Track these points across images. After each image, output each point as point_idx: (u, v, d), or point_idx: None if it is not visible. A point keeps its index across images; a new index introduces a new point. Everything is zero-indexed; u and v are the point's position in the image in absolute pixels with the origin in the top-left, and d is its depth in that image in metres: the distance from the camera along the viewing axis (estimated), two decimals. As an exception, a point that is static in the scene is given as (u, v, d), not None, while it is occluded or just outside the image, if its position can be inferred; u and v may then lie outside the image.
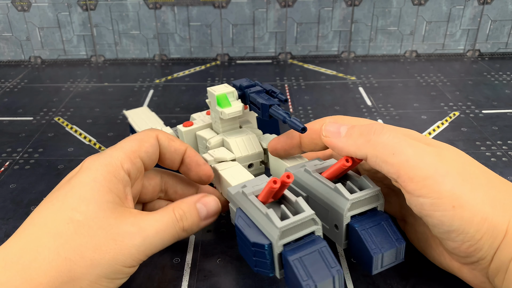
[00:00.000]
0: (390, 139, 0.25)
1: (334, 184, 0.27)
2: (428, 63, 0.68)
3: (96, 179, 0.26)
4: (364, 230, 0.26)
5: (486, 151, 0.44)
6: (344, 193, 0.27)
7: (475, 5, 0.67)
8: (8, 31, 0.68)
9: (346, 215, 0.26)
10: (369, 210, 0.27)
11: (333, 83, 0.62)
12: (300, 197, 0.26)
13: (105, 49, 0.70)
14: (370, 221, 0.27)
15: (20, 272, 0.23)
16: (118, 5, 0.67)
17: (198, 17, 0.67)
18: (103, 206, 0.25)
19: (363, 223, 0.26)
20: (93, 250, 0.24)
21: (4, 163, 0.43)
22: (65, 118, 0.53)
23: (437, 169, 0.24)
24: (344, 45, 0.70)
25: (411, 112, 0.53)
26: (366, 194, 0.27)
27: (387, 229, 0.26)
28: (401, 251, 0.26)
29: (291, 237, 0.25)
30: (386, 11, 0.68)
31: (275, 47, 0.70)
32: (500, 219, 0.23)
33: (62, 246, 0.24)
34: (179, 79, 0.64)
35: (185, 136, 0.37)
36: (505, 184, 0.25)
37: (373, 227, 0.26)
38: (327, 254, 0.24)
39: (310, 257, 0.24)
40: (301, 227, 0.25)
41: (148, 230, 0.26)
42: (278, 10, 0.67)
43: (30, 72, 0.67)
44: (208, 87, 0.36)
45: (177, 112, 0.54)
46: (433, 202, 0.24)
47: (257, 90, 0.35)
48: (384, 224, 0.26)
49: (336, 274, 0.24)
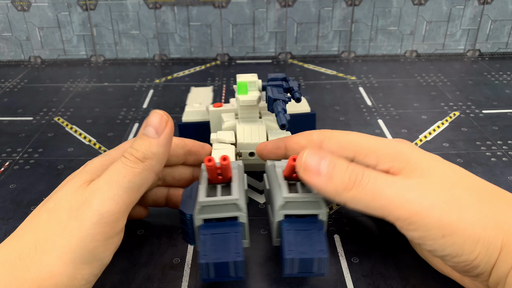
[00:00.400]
0: (369, 185, 0.24)
1: (281, 181, 0.27)
2: (428, 63, 0.68)
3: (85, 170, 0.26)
4: (289, 231, 0.26)
5: (486, 151, 0.44)
6: (283, 191, 0.27)
7: (475, 5, 0.67)
8: (8, 31, 0.68)
9: (279, 212, 0.27)
10: (310, 216, 0.27)
11: (333, 83, 0.62)
12: (236, 183, 0.26)
13: (105, 49, 0.70)
14: (302, 225, 0.26)
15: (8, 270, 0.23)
16: (118, 5, 0.67)
17: (198, 17, 0.67)
18: (73, 186, 0.25)
19: (293, 224, 0.26)
20: (60, 234, 0.23)
21: (4, 163, 0.43)
22: (65, 118, 0.53)
23: (421, 204, 0.23)
24: (344, 45, 0.70)
25: (411, 112, 0.53)
26: (304, 198, 0.26)
27: (315, 238, 0.26)
28: (322, 264, 0.25)
29: (212, 215, 0.26)
30: (386, 11, 0.67)
31: (275, 47, 0.70)
32: (493, 237, 0.23)
33: (38, 239, 0.23)
34: (179, 79, 0.64)
35: (211, 115, 0.40)
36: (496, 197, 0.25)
37: (301, 231, 0.26)
38: (238, 240, 0.25)
39: (220, 237, 0.25)
40: (224, 208, 0.26)
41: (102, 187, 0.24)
42: (278, 10, 0.67)
43: (30, 72, 0.67)
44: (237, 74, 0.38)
45: (177, 112, 0.54)
46: (422, 235, 0.23)
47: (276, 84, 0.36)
48: (314, 232, 0.26)
49: (234, 260, 0.24)
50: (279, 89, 0.37)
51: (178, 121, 0.43)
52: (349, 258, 0.31)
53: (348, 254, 0.32)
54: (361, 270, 0.30)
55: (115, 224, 0.24)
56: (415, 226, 0.23)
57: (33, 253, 0.23)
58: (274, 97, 0.35)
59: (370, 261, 0.31)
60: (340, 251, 0.32)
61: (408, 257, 0.31)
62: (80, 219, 0.23)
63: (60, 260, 0.23)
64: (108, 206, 0.24)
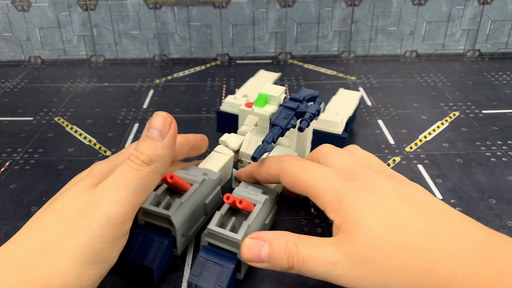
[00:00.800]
0: (304, 266, 0.25)
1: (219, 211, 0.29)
2: (428, 63, 0.68)
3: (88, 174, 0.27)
4: (202, 259, 0.28)
5: (486, 151, 0.44)
6: (212, 221, 0.28)
7: (475, 5, 0.67)
8: (8, 31, 0.68)
9: (203, 239, 0.29)
10: (231, 252, 0.28)
11: (333, 83, 0.62)
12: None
13: (105, 49, 0.70)
14: (216, 258, 0.28)
15: (16, 268, 0.23)
16: (118, 5, 0.67)
17: (198, 17, 0.67)
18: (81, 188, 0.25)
19: (209, 255, 0.28)
20: (68, 235, 0.23)
21: (4, 164, 0.43)
22: (65, 118, 0.53)
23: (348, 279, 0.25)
24: (344, 45, 0.70)
25: (411, 112, 0.53)
26: (227, 236, 0.27)
27: (221, 274, 0.27)
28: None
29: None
30: (386, 11, 0.68)
31: (275, 47, 0.70)
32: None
33: (46, 239, 0.23)
34: (179, 79, 0.64)
35: (240, 113, 0.42)
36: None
37: (212, 264, 0.28)
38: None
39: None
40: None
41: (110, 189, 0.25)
42: (278, 10, 0.67)
43: (30, 72, 0.67)
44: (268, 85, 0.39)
45: (177, 112, 0.54)
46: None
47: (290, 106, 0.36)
48: (224, 269, 0.27)
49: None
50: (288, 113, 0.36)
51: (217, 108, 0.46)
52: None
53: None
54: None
55: (122, 225, 0.25)
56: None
57: (41, 253, 0.23)
58: (273, 121, 0.35)
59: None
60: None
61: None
62: (88, 221, 0.24)
63: (68, 260, 0.23)
64: (116, 208, 0.24)
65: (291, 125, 0.35)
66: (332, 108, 0.44)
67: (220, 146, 0.38)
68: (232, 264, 0.27)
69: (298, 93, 0.38)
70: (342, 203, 0.26)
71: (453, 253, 0.23)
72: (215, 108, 0.54)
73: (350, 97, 0.47)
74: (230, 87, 0.60)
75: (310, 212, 0.36)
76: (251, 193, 0.31)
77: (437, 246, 0.23)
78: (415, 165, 0.42)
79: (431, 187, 0.39)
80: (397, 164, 0.43)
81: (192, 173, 0.32)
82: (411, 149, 0.45)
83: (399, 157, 0.44)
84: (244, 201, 0.29)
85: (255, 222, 0.29)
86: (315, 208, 0.37)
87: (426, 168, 0.42)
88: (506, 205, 0.37)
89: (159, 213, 0.28)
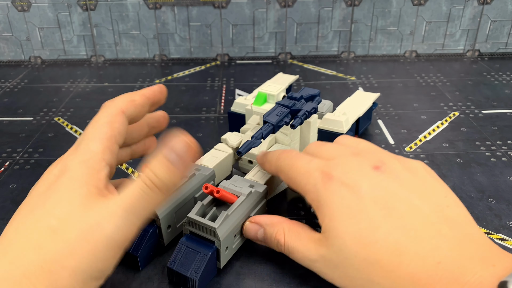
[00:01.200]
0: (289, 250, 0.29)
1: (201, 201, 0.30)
2: (427, 63, 0.68)
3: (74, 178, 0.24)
4: (182, 245, 0.29)
5: (486, 151, 0.45)
6: (192, 210, 0.29)
7: (475, 5, 0.67)
8: (8, 31, 0.68)
9: (185, 226, 0.30)
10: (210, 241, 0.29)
11: (333, 83, 0.62)
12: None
13: (105, 49, 0.70)
14: (195, 245, 0.29)
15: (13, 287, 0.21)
16: (118, 5, 0.67)
17: (198, 17, 0.67)
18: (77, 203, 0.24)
19: (189, 242, 0.29)
20: (70, 256, 0.22)
21: (4, 163, 0.43)
22: (65, 118, 0.53)
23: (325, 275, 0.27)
24: (344, 45, 0.70)
25: (410, 112, 0.53)
26: (205, 225, 0.29)
27: (198, 260, 0.28)
28: (194, 284, 0.28)
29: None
30: (386, 11, 0.68)
31: (275, 47, 0.70)
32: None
33: (44, 259, 0.22)
34: (179, 79, 0.64)
35: (247, 112, 0.43)
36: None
37: (191, 251, 0.29)
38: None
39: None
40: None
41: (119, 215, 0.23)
42: (278, 10, 0.67)
43: (30, 72, 0.67)
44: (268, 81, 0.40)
45: (177, 112, 0.54)
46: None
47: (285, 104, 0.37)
48: (200, 255, 0.29)
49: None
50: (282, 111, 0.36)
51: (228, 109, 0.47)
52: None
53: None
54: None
55: (125, 244, 0.24)
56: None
57: (40, 272, 0.22)
58: (265, 118, 0.35)
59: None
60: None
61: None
62: (92, 243, 0.23)
63: (70, 280, 0.22)
64: (123, 233, 0.23)
65: (284, 122, 0.35)
66: (343, 108, 0.44)
67: (220, 144, 0.38)
68: (209, 252, 0.28)
69: (298, 92, 0.38)
70: (320, 205, 0.27)
71: (418, 275, 0.23)
72: (215, 108, 0.54)
73: (364, 98, 0.47)
74: (230, 87, 0.61)
75: (310, 212, 0.36)
76: (237, 186, 0.32)
77: (402, 267, 0.23)
78: (415, 165, 0.42)
79: (431, 187, 0.39)
80: (397, 164, 0.43)
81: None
82: (411, 149, 0.45)
83: (399, 157, 0.44)
84: (223, 191, 0.30)
85: (236, 213, 0.30)
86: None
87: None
88: (506, 205, 0.37)
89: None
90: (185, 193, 0.32)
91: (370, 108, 0.46)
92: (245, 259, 0.31)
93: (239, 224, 0.30)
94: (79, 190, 0.24)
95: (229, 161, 0.38)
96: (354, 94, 0.48)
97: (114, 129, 0.27)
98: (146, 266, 0.31)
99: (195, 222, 0.29)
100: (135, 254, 0.30)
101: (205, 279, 0.29)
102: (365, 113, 0.45)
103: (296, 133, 0.39)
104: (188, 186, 0.32)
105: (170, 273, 0.29)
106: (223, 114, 0.53)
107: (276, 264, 0.31)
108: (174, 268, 0.28)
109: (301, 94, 0.38)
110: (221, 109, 0.54)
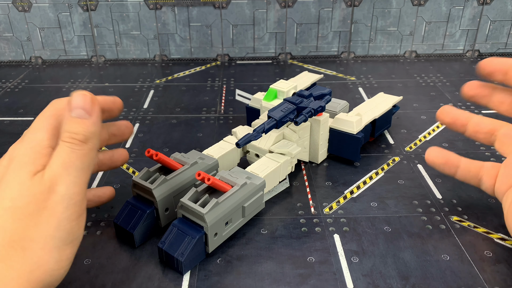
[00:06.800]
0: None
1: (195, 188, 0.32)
2: (427, 63, 0.68)
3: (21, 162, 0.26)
4: (173, 228, 0.31)
5: (486, 151, 0.45)
6: (186, 195, 0.31)
7: (475, 6, 0.67)
8: (9, 32, 0.68)
9: (178, 211, 0.31)
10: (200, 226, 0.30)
11: (333, 83, 0.62)
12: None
13: (105, 50, 0.70)
14: (184, 228, 0.30)
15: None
16: (118, 6, 0.67)
17: (199, 17, 0.68)
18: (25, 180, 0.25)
19: (180, 225, 0.31)
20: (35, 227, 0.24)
21: (5, 163, 0.44)
22: (65, 118, 0.53)
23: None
24: (344, 45, 0.70)
25: (410, 112, 0.53)
26: (194, 210, 0.30)
27: (185, 243, 0.30)
28: (180, 265, 0.30)
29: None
30: (386, 12, 0.68)
31: (275, 47, 0.70)
32: None
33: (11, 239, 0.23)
34: (180, 79, 0.64)
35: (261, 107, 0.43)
36: None
37: (180, 233, 0.30)
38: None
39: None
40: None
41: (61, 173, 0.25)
42: (278, 10, 0.67)
43: (31, 72, 0.67)
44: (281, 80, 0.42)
45: (178, 112, 0.54)
46: None
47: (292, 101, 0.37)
48: (187, 238, 0.30)
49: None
50: (287, 107, 0.37)
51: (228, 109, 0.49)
52: (349, 257, 0.32)
53: (348, 253, 0.32)
54: (361, 270, 0.30)
55: (82, 202, 0.26)
56: None
57: (12, 253, 0.23)
58: (269, 113, 0.36)
59: (370, 260, 0.31)
60: (340, 251, 0.32)
61: (408, 256, 0.32)
62: (51, 208, 0.24)
63: (43, 250, 0.24)
64: (73, 188, 0.25)
65: (288, 118, 0.36)
66: (359, 109, 0.44)
67: (230, 136, 0.40)
68: (197, 235, 0.30)
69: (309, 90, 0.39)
70: None
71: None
72: (215, 108, 0.54)
73: (385, 100, 0.46)
74: (230, 87, 0.61)
75: (310, 212, 0.36)
76: (233, 176, 0.33)
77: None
78: (415, 164, 0.43)
79: (431, 187, 0.39)
80: (397, 164, 0.43)
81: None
82: (411, 149, 0.45)
83: (399, 157, 0.44)
84: (214, 179, 0.30)
85: (228, 202, 0.31)
86: (315, 208, 0.37)
87: (426, 168, 0.42)
88: (505, 205, 0.37)
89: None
90: (185, 179, 0.33)
91: (389, 111, 0.45)
92: (245, 259, 0.32)
93: (230, 212, 0.31)
94: (26, 169, 0.25)
95: (235, 153, 0.39)
96: (376, 96, 0.47)
97: (60, 121, 0.28)
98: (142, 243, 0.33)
99: (186, 207, 0.30)
100: (132, 231, 0.32)
101: (191, 261, 0.30)
102: (382, 115, 0.44)
103: (305, 131, 0.40)
104: (189, 173, 0.34)
105: (160, 252, 0.30)
106: (223, 114, 0.53)
107: (276, 264, 0.31)
108: (163, 248, 0.30)
109: (310, 92, 0.39)
110: (221, 109, 0.54)
